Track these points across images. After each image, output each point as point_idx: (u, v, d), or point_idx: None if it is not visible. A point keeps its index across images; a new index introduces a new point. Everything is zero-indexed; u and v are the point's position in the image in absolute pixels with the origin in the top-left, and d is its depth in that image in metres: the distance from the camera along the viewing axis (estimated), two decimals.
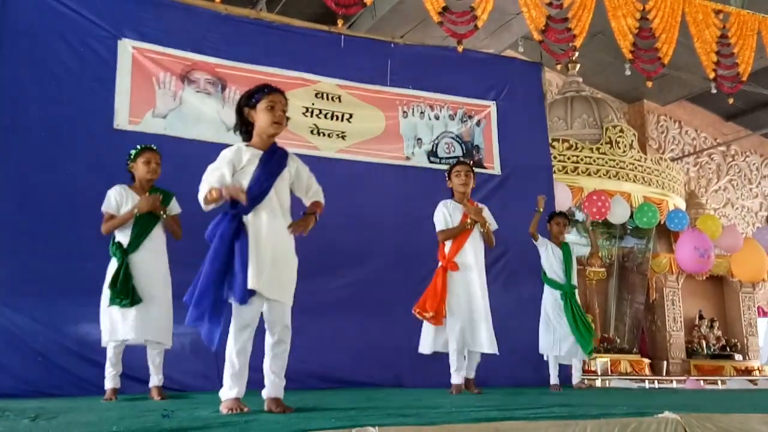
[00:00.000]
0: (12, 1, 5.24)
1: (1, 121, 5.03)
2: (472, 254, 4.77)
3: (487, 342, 4.63)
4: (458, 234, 4.78)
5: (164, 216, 4.14)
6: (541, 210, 5.69)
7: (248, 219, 2.93)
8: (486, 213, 4.89)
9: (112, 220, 4.11)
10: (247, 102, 3.07)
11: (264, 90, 3.07)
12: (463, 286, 4.71)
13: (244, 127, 3.10)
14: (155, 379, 4.22)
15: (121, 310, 3.98)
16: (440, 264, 4.81)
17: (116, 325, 4.01)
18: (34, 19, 5.29)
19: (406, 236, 5.73)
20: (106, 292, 4.06)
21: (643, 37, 6.79)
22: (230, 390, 2.82)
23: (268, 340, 2.94)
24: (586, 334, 5.63)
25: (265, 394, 2.90)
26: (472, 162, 6.43)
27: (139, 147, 4.25)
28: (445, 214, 4.83)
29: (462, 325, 4.65)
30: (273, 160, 3.05)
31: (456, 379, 4.68)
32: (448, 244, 4.81)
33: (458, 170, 4.89)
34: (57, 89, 5.25)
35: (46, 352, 4.74)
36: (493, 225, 4.89)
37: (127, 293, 3.97)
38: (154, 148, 4.28)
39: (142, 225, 4.12)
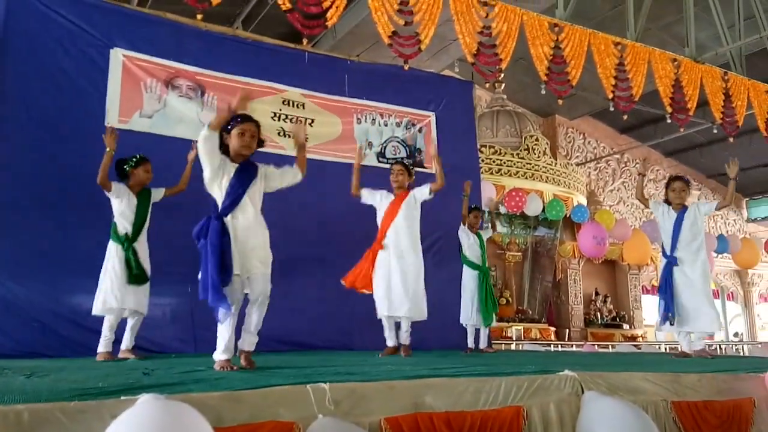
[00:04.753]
0: (15, 10, 4.97)
1: (5, 113, 4.77)
2: (393, 236, 4.80)
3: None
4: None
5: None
6: (468, 194, 5.80)
7: (228, 220, 3.07)
8: None
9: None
10: (224, 128, 3.16)
11: (237, 119, 3.16)
12: (385, 264, 4.73)
13: (223, 147, 3.18)
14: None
15: (123, 286, 4.10)
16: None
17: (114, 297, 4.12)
18: (36, 27, 5.03)
19: (356, 222, 5.69)
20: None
21: (556, 62, 6.88)
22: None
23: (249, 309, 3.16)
24: (492, 309, 5.73)
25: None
26: (413, 162, 6.48)
27: (138, 156, 4.36)
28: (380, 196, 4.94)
29: (382, 294, 4.66)
30: (245, 173, 3.17)
31: (388, 342, 4.77)
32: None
33: (393, 168, 5.01)
34: (55, 89, 5.00)
35: (43, 318, 4.55)
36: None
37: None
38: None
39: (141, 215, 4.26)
